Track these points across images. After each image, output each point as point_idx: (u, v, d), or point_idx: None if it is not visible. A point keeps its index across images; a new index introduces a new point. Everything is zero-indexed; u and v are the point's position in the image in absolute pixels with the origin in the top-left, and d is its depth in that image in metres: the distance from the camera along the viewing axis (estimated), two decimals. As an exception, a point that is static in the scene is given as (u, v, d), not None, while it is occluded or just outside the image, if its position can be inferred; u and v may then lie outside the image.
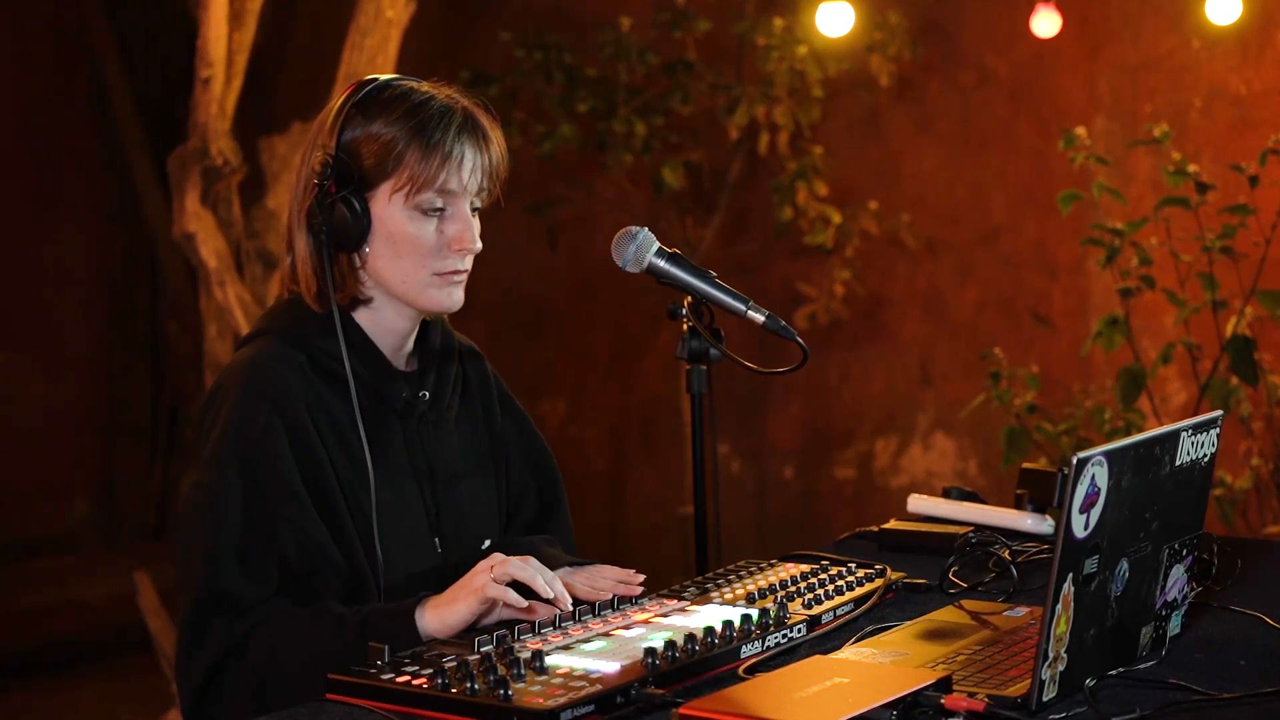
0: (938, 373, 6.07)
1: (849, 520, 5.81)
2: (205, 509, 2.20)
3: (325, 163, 2.27)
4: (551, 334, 6.86)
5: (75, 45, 7.01)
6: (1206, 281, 4.33)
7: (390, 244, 2.29)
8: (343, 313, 2.31)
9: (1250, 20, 5.23)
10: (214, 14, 4.95)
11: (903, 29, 5.78)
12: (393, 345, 2.37)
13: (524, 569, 2.13)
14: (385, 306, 2.34)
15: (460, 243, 2.31)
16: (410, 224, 2.29)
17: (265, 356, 2.28)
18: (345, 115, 2.29)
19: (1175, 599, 2.08)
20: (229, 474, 2.20)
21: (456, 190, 2.30)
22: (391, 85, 2.32)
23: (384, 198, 2.28)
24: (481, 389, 2.53)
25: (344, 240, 2.28)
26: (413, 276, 2.30)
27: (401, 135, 2.27)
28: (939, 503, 2.83)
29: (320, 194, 2.27)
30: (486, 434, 2.51)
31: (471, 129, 2.31)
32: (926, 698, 1.77)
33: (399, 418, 2.36)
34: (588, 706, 1.80)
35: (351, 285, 2.31)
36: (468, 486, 2.44)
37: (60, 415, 6.95)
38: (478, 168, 2.31)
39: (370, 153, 2.27)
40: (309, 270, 2.30)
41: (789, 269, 6.21)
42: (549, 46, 6.00)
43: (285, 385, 2.25)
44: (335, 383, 2.30)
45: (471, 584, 2.13)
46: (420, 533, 2.36)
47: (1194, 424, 2.01)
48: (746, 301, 2.48)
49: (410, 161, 2.27)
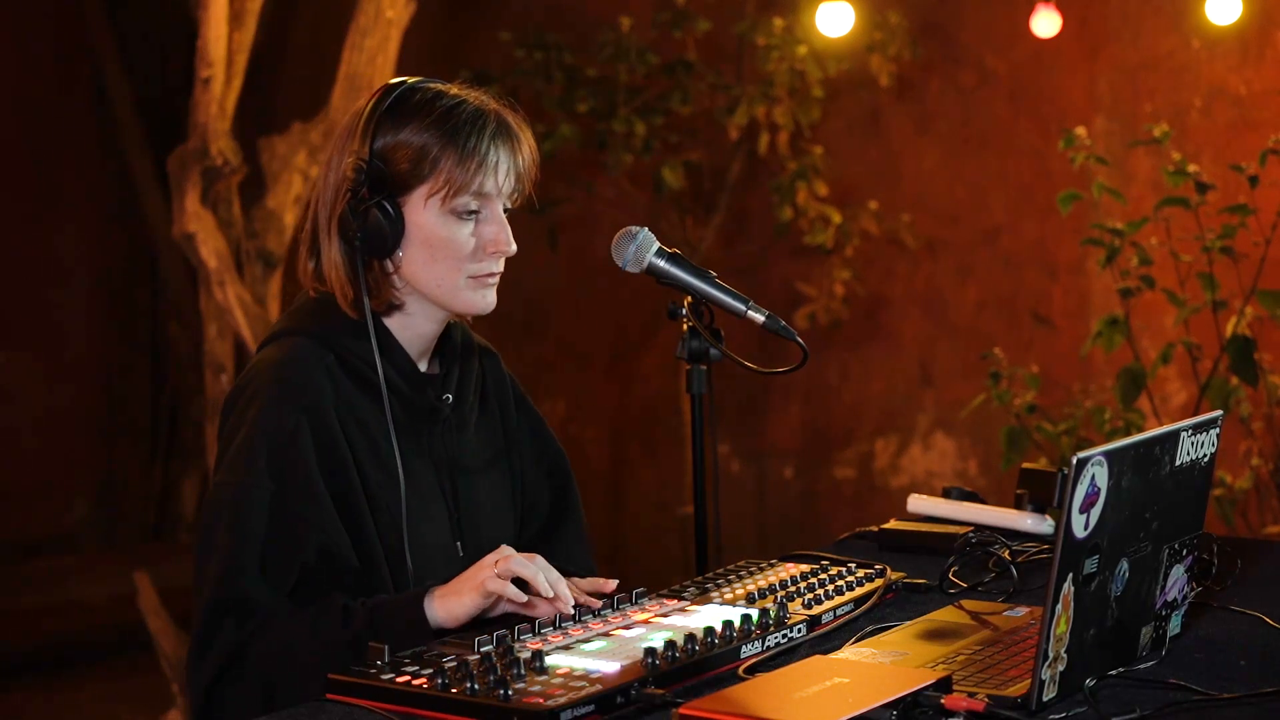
0: (938, 373, 6.07)
1: (849, 520, 5.80)
2: (230, 509, 2.19)
3: (359, 168, 2.26)
4: (551, 334, 6.86)
5: (75, 45, 7.01)
6: (1206, 281, 4.33)
7: (426, 248, 2.29)
8: (375, 318, 2.30)
9: (1250, 20, 5.23)
10: (214, 14, 4.95)
11: (903, 29, 5.78)
12: (420, 349, 2.37)
13: (527, 566, 2.13)
14: (418, 310, 2.34)
15: (496, 245, 2.32)
16: (445, 228, 2.29)
17: (295, 357, 2.27)
18: (376, 120, 2.27)
19: (1175, 599, 2.08)
20: (257, 475, 2.19)
21: (491, 193, 2.30)
22: (421, 89, 2.31)
23: (419, 202, 2.28)
24: (498, 389, 2.53)
25: (378, 246, 2.27)
26: (448, 280, 2.30)
27: (436, 140, 2.26)
28: (939, 503, 2.83)
29: (353, 200, 2.26)
30: (503, 434, 2.51)
31: (505, 132, 2.31)
32: (926, 698, 1.77)
33: (423, 422, 2.36)
34: (588, 706, 1.80)
35: (386, 291, 2.30)
36: (486, 488, 2.44)
37: (60, 415, 6.95)
38: (511, 170, 2.32)
39: (404, 158, 2.27)
40: (343, 276, 2.29)
41: (789, 269, 6.21)
42: (549, 46, 6.00)
43: (315, 388, 2.24)
44: (365, 386, 2.29)
45: (476, 577, 2.12)
46: (444, 537, 2.36)
47: (1194, 424, 2.01)
48: (746, 301, 2.48)
49: (446, 166, 2.26)
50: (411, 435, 2.33)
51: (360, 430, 2.27)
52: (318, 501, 2.20)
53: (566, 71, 5.99)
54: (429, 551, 2.31)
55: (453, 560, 2.35)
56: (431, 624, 2.11)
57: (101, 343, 7.18)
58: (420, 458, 2.34)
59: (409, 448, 2.31)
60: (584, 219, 6.42)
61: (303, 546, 2.19)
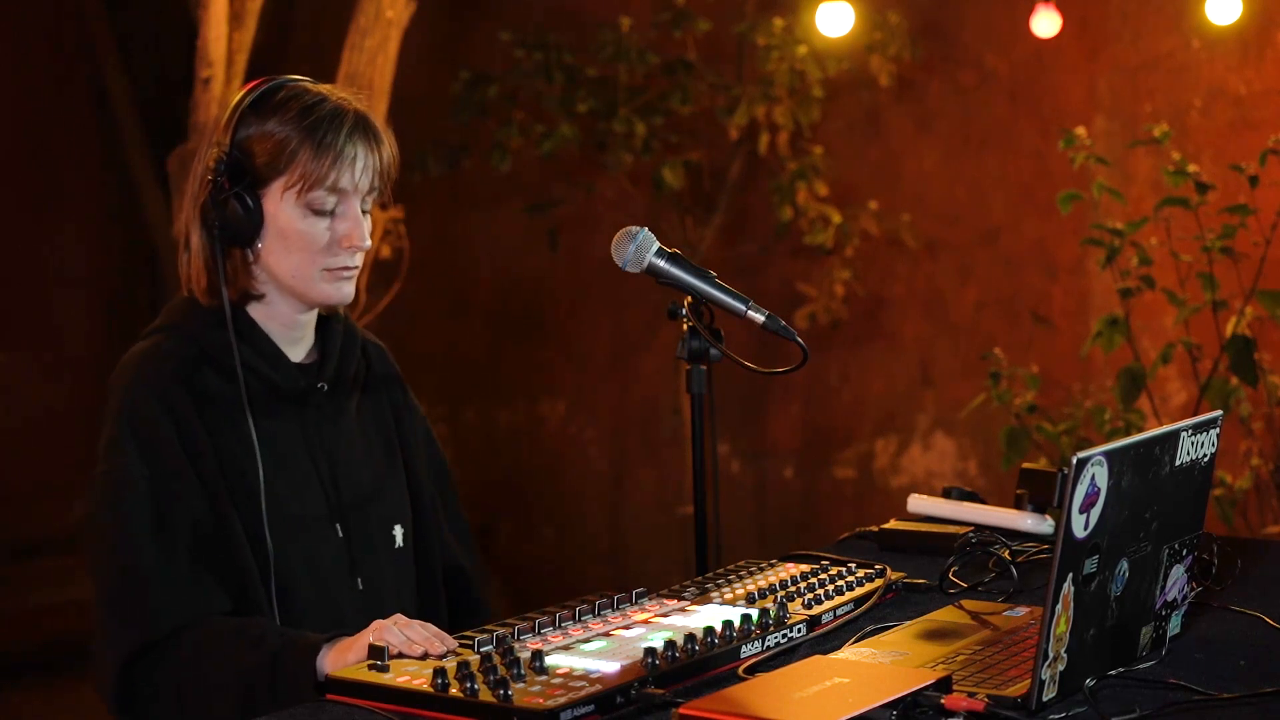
0: (938, 373, 6.07)
1: (849, 520, 5.80)
2: (112, 494, 2.26)
3: (220, 159, 2.32)
4: (551, 334, 6.86)
5: (75, 45, 7.01)
6: (1206, 281, 4.33)
7: (282, 240, 2.34)
8: (235, 307, 2.35)
9: (1250, 20, 5.23)
10: (214, 14, 4.95)
11: (903, 29, 5.78)
12: (288, 338, 2.41)
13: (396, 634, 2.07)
14: (278, 300, 2.39)
15: (350, 240, 2.36)
16: (302, 221, 2.34)
17: (154, 352, 2.34)
18: (240, 114, 2.33)
19: (1175, 599, 2.08)
20: (130, 459, 2.27)
21: (348, 189, 2.35)
22: (286, 86, 2.37)
23: (277, 194, 2.33)
24: (386, 384, 2.57)
25: (237, 235, 2.33)
26: (303, 271, 2.35)
27: (295, 134, 2.32)
28: (939, 503, 2.83)
29: (214, 190, 2.32)
30: (393, 426, 2.55)
31: (363, 130, 2.36)
32: (926, 698, 1.77)
33: (295, 406, 2.39)
34: (588, 706, 1.80)
35: (244, 280, 2.36)
36: (371, 474, 2.48)
37: (60, 415, 6.95)
38: (369, 167, 2.36)
39: (264, 150, 2.32)
40: (200, 265, 2.35)
41: (789, 269, 6.21)
42: (549, 46, 6.00)
43: (170, 378, 2.30)
44: (230, 376, 2.34)
45: (366, 638, 2.09)
46: (319, 518, 2.39)
47: (1194, 424, 2.01)
48: (746, 301, 2.48)
49: (303, 159, 2.31)
50: (281, 419, 2.37)
51: (224, 417, 2.32)
52: (191, 487, 2.26)
53: (566, 71, 5.99)
54: (300, 531, 2.35)
55: (330, 541, 2.38)
56: (319, 674, 2.10)
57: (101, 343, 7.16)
58: (289, 441, 2.38)
59: (280, 431, 2.36)
60: (584, 219, 6.42)
61: (186, 528, 2.25)
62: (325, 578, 2.37)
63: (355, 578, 2.40)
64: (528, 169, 6.28)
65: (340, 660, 2.08)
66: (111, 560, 2.25)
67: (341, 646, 2.11)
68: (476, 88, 6.06)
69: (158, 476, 2.26)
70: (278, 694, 2.10)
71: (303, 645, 2.14)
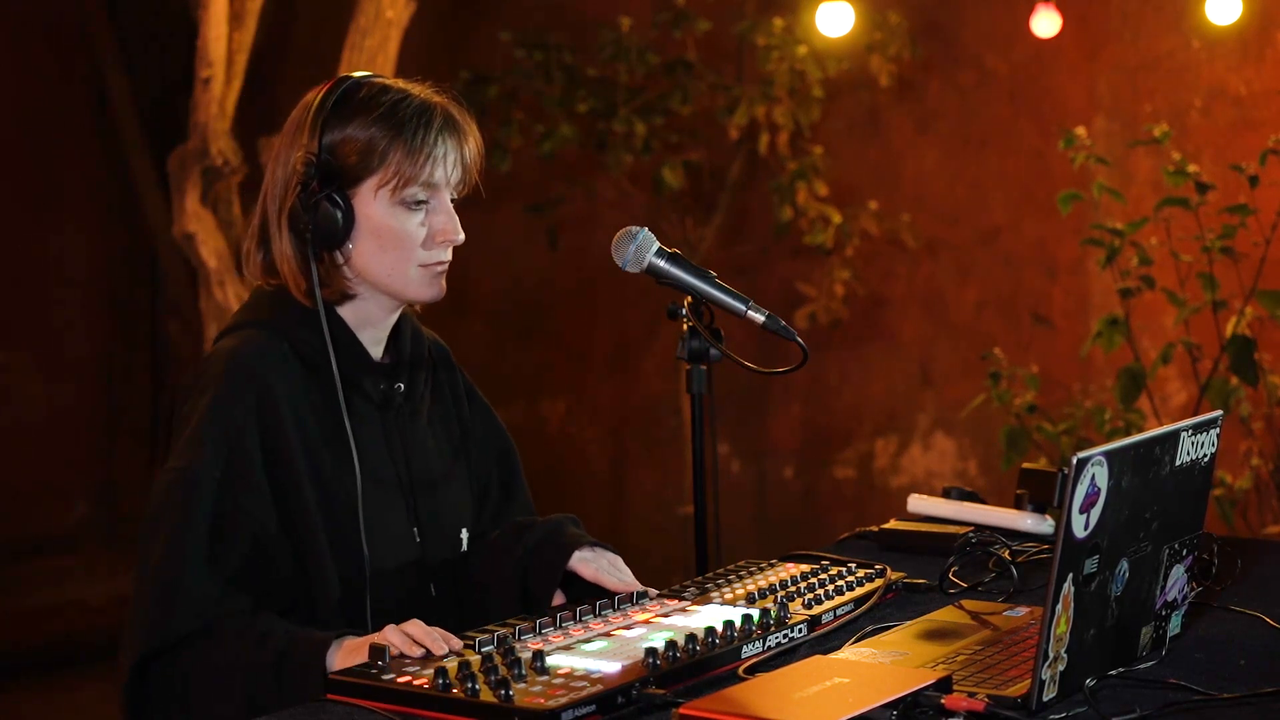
0: (938, 373, 6.07)
1: (849, 520, 5.81)
2: (180, 494, 2.22)
3: (308, 162, 2.30)
4: (551, 334, 6.86)
5: (75, 45, 7.01)
6: (1206, 281, 4.33)
7: (376, 239, 2.32)
8: (327, 307, 2.33)
9: (1250, 20, 5.23)
10: (214, 14, 4.96)
11: (903, 29, 5.78)
12: (372, 338, 2.40)
13: (399, 636, 2.07)
14: (370, 300, 2.37)
15: (445, 234, 2.36)
16: (395, 218, 2.32)
17: (248, 348, 2.30)
18: (324, 115, 2.32)
19: (1175, 599, 2.08)
20: (208, 462, 2.22)
21: (439, 183, 2.35)
22: (367, 83, 2.36)
23: (368, 194, 2.32)
24: (450, 383, 2.56)
25: (329, 238, 2.31)
26: (399, 269, 2.34)
27: (384, 133, 2.30)
28: (939, 503, 2.83)
29: (303, 193, 2.30)
30: (458, 426, 2.54)
31: (451, 124, 2.36)
32: (926, 698, 1.77)
33: (377, 409, 2.38)
34: (589, 706, 1.80)
35: (337, 281, 2.34)
36: (443, 478, 2.47)
37: (60, 415, 6.95)
38: (458, 161, 2.37)
39: (353, 150, 2.31)
40: (294, 269, 2.32)
41: (789, 269, 6.21)
42: (549, 46, 6.00)
43: (267, 378, 2.27)
44: (319, 375, 2.32)
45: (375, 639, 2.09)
46: (401, 524, 2.38)
47: (1194, 424, 2.01)
48: (746, 301, 2.48)
49: (395, 158, 2.30)
50: (367, 423, 2.36)
51: (315, 418, 2.30)
52: (259, 493, 2.23)
53: (566, 71, 5.99)
54: (388, 537, 2.34)
55: (409, 546, 2.37)
56: (328, 670, 2.08)
57: (101, 343, 7.17)
58: (376, 445, 2.36)
59: (365, 435, 2.34)
60: (584, 219, 6.42)
61: (243, 535, 2.22)
62: (408, 586, 2.35)
63: (428, 584, 2.39)
64: (528, 169, 6.27)
65: (349, 660, 2.08)
66: (150, 563, 2.20)
67: (350, 646, 2.11)
68: (476, 88, 6.05)
69: (227, 481, 2.22)
70: (283, 692, 2.09)
71: (309, 644, 2.14)
